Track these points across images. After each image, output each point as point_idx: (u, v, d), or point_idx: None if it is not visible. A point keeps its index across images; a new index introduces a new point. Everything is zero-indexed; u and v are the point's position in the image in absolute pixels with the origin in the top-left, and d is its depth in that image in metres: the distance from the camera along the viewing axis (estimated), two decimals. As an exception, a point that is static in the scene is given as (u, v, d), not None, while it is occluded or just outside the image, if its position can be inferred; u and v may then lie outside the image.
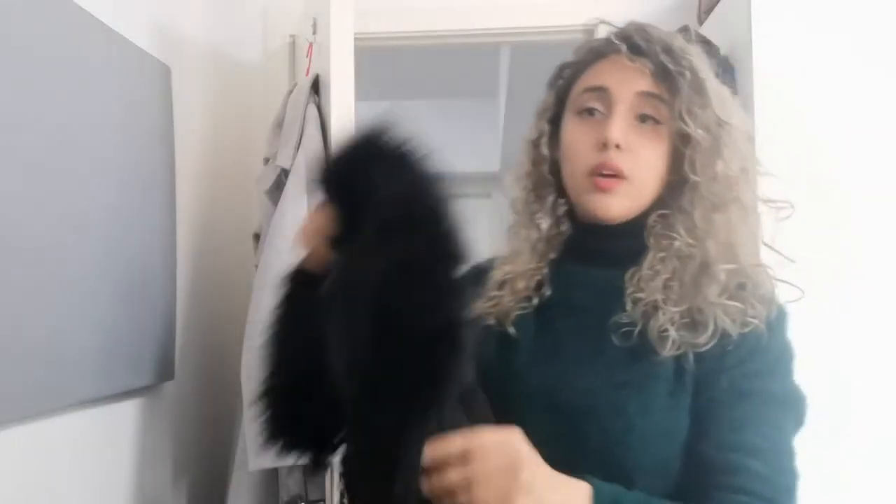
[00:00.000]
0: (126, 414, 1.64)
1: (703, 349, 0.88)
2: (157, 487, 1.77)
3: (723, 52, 1.88)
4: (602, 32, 1.06)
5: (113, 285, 1.52)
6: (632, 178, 0.94)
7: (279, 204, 1.80)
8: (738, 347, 0.89)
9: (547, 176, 1.02)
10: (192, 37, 2.01)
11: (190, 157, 1.92)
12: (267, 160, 1.99)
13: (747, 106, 1.79)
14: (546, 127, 1.03)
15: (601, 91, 0.96)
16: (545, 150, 1.02)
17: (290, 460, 0.96)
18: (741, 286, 0.92)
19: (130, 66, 1.62)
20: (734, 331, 0.89)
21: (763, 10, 1.75)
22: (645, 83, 0.95)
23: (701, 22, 2.14)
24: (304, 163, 1.80)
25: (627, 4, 2.35)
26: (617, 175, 0.93)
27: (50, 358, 1.32)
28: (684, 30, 1.90)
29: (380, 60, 3.15)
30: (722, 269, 0.91)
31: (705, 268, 0.92)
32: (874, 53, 1.74)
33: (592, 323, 0.94)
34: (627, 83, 0.95)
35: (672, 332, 0.89)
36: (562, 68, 1.05)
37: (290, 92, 1.99)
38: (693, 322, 0.90)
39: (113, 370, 1.53)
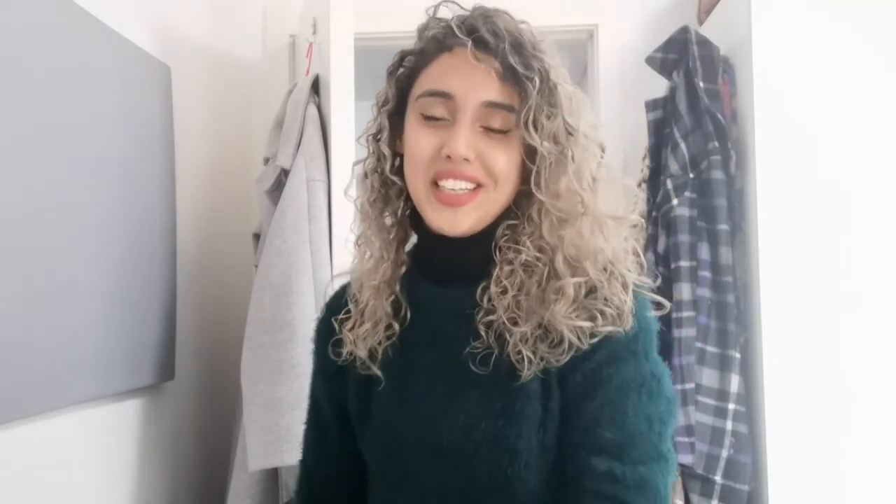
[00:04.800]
0: (126, 414, 1.64)
1: (561, 362, 0.86)
2: (157, 487, 1.77)
3: (723, 52, 1.88)
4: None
5: (113, 285, 1.52)
6: (486, 187, 0.88)
7: (279, 204, 1.80)
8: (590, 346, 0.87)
9: (390, 176, 0.95)
10: (192, 37, 2.01)
11: (190, 157, 1.92)
12: (267, 160, 1.99)
13: (747, 106, 1.79)
14: (386, 122, 0.95)
15: (445, 97, 0.88)
16: (385, 149, 0.94)
17: (291, 460, 0.97)
18: (591, 294, 0.87)
19: (130, 66, 1.62)
20: (584, 343, 0.85)
21: (763, 10, 1.75)
22: (491, 90, 0.87)
23: (701, 22, 2.14)
24: (303, 163, 1.80)
25: (628, 4, 2.37)
26: (469, 184, 0.88)
27: (50, 358, 1.32)
28: (684, 30, 1.91)
29: (380, 60, 3.14)
30: (570, 283, 0.87)
31: (552, 281, 0.88)
32: (874, 53, 1.74)
33: (452, 353, 0.90)
34: (473, 89, 0.87)
35: (527, 353, 0.86)
36: (402, 56, 0.96)
37: (290, 92, 1.98)
38: (546, 334, 0.86)
39: (113, 370, 1.53)
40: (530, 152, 0.88)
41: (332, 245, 1.78)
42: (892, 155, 1.72)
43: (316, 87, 1.93)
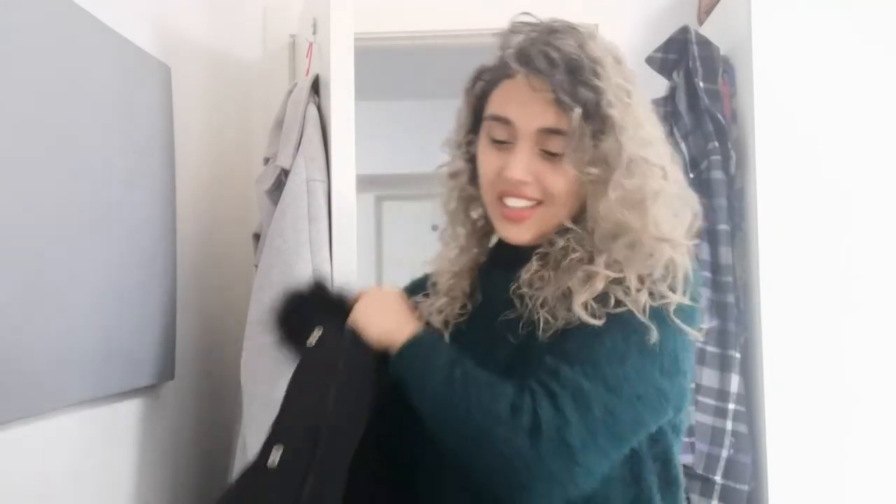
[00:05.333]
0: (126, 414, 1.64)
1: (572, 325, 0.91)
2: (157, 487, 1.77)
3: (723, 52, 1.88)
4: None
5: (113, 285, 1.52)
6: (545, 204, 0.96)
7: (279, 204, 1.80)
8: None
9: (468, 186, 1.05)
10: (192, 37, 2.01)
11: (190, 157, 1.92)
12: (267, 160, 1.99)
13: (747, 106, 1.79)
14: (463, 135, 1.05)
15: (506, 123, 0.97)
16: (461, 163, 1.04)
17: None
18: (617, 284, 0.91)
19: (130, 66, 1.62)
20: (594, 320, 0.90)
21: (763, 10, 1.75)
22: (546, 117, 0.94)
23: (701, 22, 2.14)
24: (303, 163, 1.80)
25: (628, 4, 2.36)
26: (529, 202, 0.96)
27: (50, 358, 1.32)
28: (684, 30, 1.91)
29: (380, 60, 3.14)
30: (602, 277, 0.91)
31: (588, 277, 0.92)
32: (874, 53, 1.74)
33: (499, 328, 0.97)
34: (529, 117, 0.95)
35: (545, 315, 0.92)
36: (476, 77, 1.04)
37: (290, 92, 1.98)
38: (565, 298, 0.92)
39: (113, 370, 1.53)
40: (586, 170, 0.93)
41: (332, 245, 1.78)
42: (892, 155, 1.72)
43: (316, 87, 1.93)
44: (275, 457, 0.94)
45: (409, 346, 0.95)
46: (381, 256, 4.99)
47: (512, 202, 0.96)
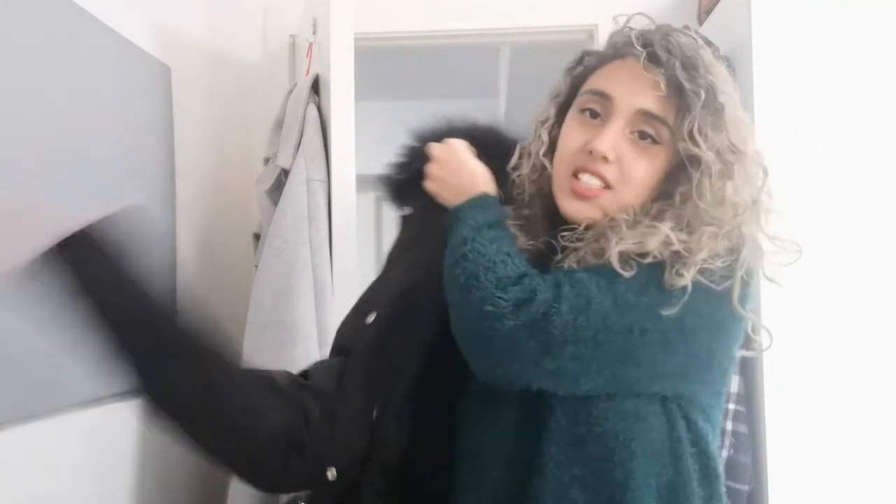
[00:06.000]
0: (126, 414, 1.64)
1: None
2: (157, 488, 1.76)
3: (723, 52, 1.87)
4: (611, 29, 1.04)
5: (113, 285, 1.52)
6: (616, 189, 0.93)
7: (279, 204, 1.80)
8: None
9: (541, 159, 1.01)
10: (192, 37, 2.01)
11: (190, 157, 1.92)
12: (267, 160, 1.99)
13: (747, 106, 1.79)
14: (553, 111, 1.03)
15: (605, 98, 0.95)
16: (545, 135, 1.01)
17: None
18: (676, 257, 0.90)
19: (130, 66, 1.62)
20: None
21: (763, 10, 1.75)
22: (651, 101, 0.92)
23: (701, 22, 2.14)
24: (303, 163, 1.80)
25: (628, 5, 2.36)
26: (602, 182, 0.93)
27: (50, 358, 1.32)
28: (684, 29, 1.90)
29: (380, 60, 3.14)
30: (662, 237, 0.89)
31: (645, 234, 0.90)
32: (874, 53, 1.74)
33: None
34: (632, 95, 0.93)
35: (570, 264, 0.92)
36: (583, 56, 1.03)
37: (290, 92, 1.99)
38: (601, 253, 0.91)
39: (113, 370, 1.53)
40: (693, 162, 0.91)
41: (332, 245, 1.78)
42: (892, 155, 1.72)
43: (316, 87, 1.93)
44: (370, 318, 1.01)
45: (473, 201, 0.96)
46: (381, 256, 4.98)
47: (585, 178, 0.93)
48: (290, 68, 2.32)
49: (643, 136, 0.93)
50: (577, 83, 1.01)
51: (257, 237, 1.99)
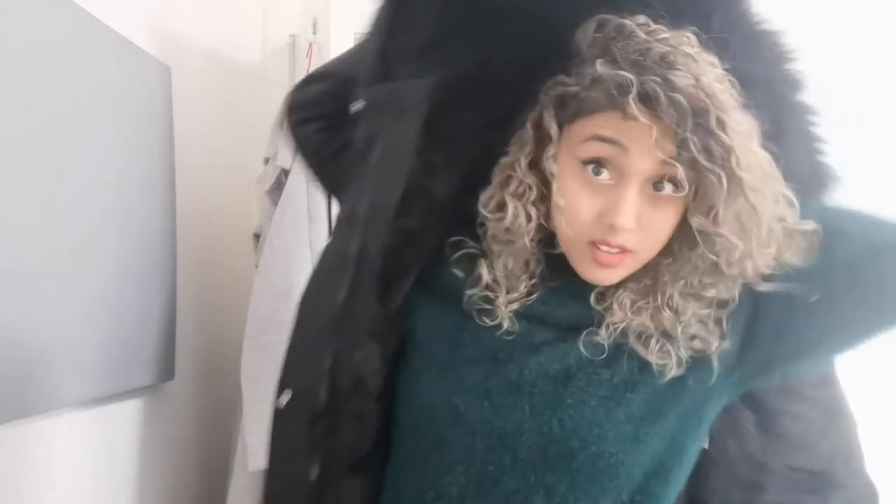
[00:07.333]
0: (126, 414, 1.64)
1: None
2: (157, 487, 1.77)
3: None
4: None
5: (113, 285, 1.52)
6: (638, 252, 0.84)
7: (279, 204, 1.80)
8: None
9: (529, 209, 0.87)
10: (192, 37, 2.01)
11: (190, 157, 1.92)
12: (267, 160, 1.99)
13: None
14: (530, 146, 0.87)
15: (618, 147, 0.79)
16: (531, 179, 0.86)
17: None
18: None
19: (130, 66, 1.62)
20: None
21: (762, 9, 1.75)
22: (669, 147, 0.78)
23: None
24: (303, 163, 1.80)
25: None
26: (622, 251, 0.82)
27: (50, 358, 1.32)
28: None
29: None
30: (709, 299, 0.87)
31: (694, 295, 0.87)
32: (873, 53, 1.74)
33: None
34: (650, 150, 0.78)
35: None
36: (564, 96, 0.85)
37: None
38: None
39: (113, 370, 1.53)
40: (705, 208, 0.82)
41: (332, 245, 1.78)
42: (892, 155, 1.72)
43: (316, 87, 1.92)
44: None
45: None
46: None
47: (605, 248, 0.82)
48: (290, 68, 2.32)
49: (661, 186, 0.81)
50: (562, 120, 0.85)
51: (257, 237, 1.99)
